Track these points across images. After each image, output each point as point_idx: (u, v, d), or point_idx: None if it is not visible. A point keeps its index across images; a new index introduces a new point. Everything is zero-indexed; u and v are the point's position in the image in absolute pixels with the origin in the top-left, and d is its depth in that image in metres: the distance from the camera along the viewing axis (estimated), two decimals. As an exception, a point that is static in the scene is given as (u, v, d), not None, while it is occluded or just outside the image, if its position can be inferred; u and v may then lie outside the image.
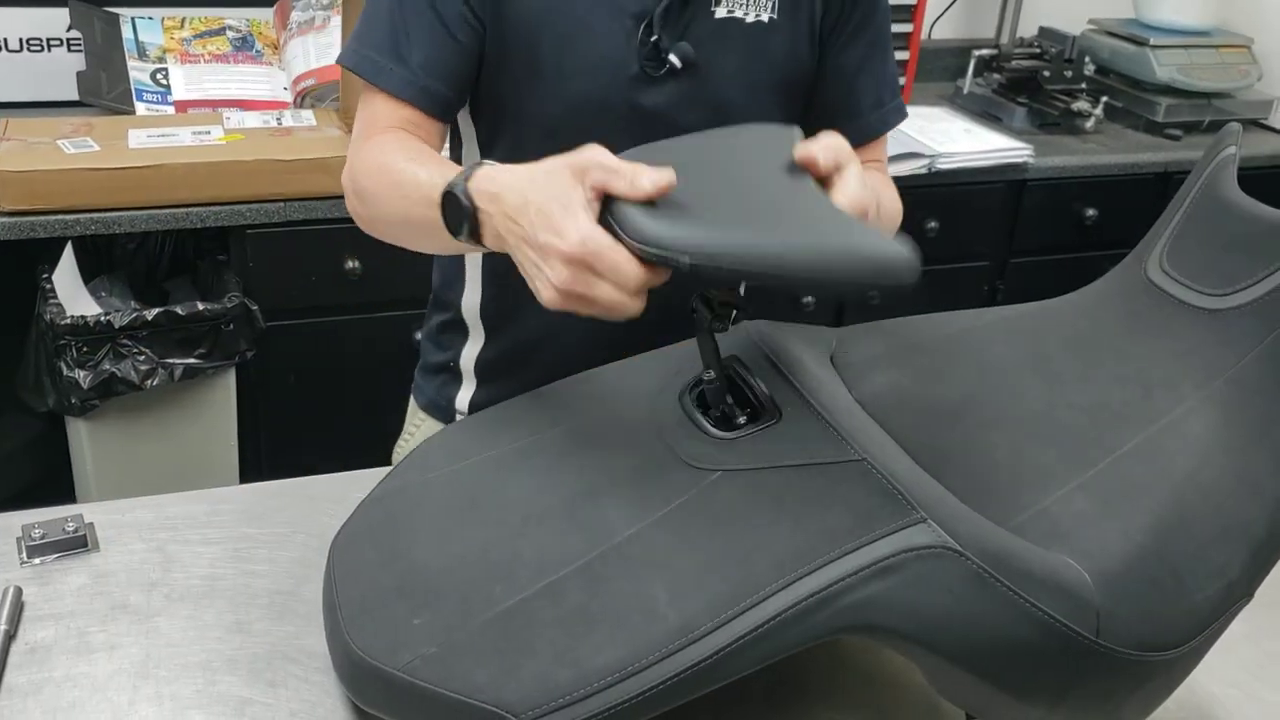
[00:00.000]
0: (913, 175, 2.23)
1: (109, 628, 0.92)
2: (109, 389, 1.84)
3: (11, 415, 2.06)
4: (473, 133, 1.14)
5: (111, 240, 2.06)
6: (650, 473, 0.83)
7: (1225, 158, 0.86)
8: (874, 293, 0.85)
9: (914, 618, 0.73)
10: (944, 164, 2.25)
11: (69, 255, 1.92)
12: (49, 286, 1.87)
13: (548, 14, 1.04)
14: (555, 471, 0.87)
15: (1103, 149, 2.47)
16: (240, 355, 1.94)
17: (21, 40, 2.18)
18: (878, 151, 1.20)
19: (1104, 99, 2.57)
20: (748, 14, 1.06)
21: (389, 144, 1.04)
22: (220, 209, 1.91)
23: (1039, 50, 2.64)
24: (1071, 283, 0.96)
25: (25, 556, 0.99)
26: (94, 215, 1.85)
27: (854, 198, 0.83)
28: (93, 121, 2.02)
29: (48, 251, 1.91)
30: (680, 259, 0.75)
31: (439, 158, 1.03)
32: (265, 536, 1.03)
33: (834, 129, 1.03)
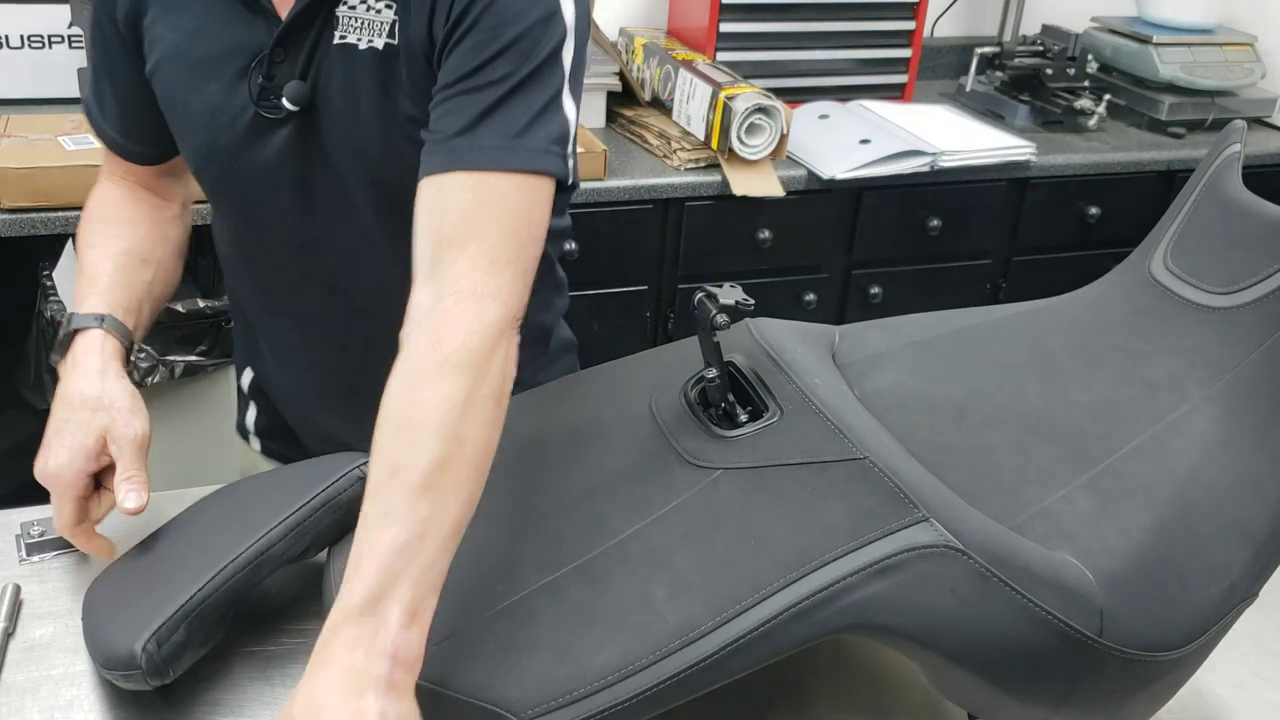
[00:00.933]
0: (915, 173, 2.23)
1: (108, 625, 0.91)
2: (109, 386, 1.84)
3: (12, 412, 2.06)
4: None
5: (112, 237, 2.06)
6: (651, 470, 0.83)
7: (1230, 155, 0.86)
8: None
9: (916, 617, 0.73)
10: (946, 162, 2.24)
11: (70, 252, 1.92)
12: (50, 283, 1.87)
13: (175, 58, 0.99)
14: (556, 469, 0.87)
15: (1105, 147, 2.46)
16: (241, 352, 1.94)
17: (23, 37, 2.18)
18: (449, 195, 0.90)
19: (1107, 97, 2.56)
20: (360, 40, 0.94)
21: (97, 207, 1.10)
22: (221, 206, 1.91)
23: (1041, 48, 2.64)
24: (1074, 281, 0.95)
25: (24, 554, 0.99)
26: (95, 212, 1.85)
27: None
28: (94, 118, 2.02)
29: (49, 248, 1.91)
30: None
31: (107, 262, 1.05)
32: (265, 534, 1.03)
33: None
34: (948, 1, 2.81)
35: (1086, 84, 2.57)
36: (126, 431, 0.94)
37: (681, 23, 2.49)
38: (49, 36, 2.19)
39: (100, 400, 0.94)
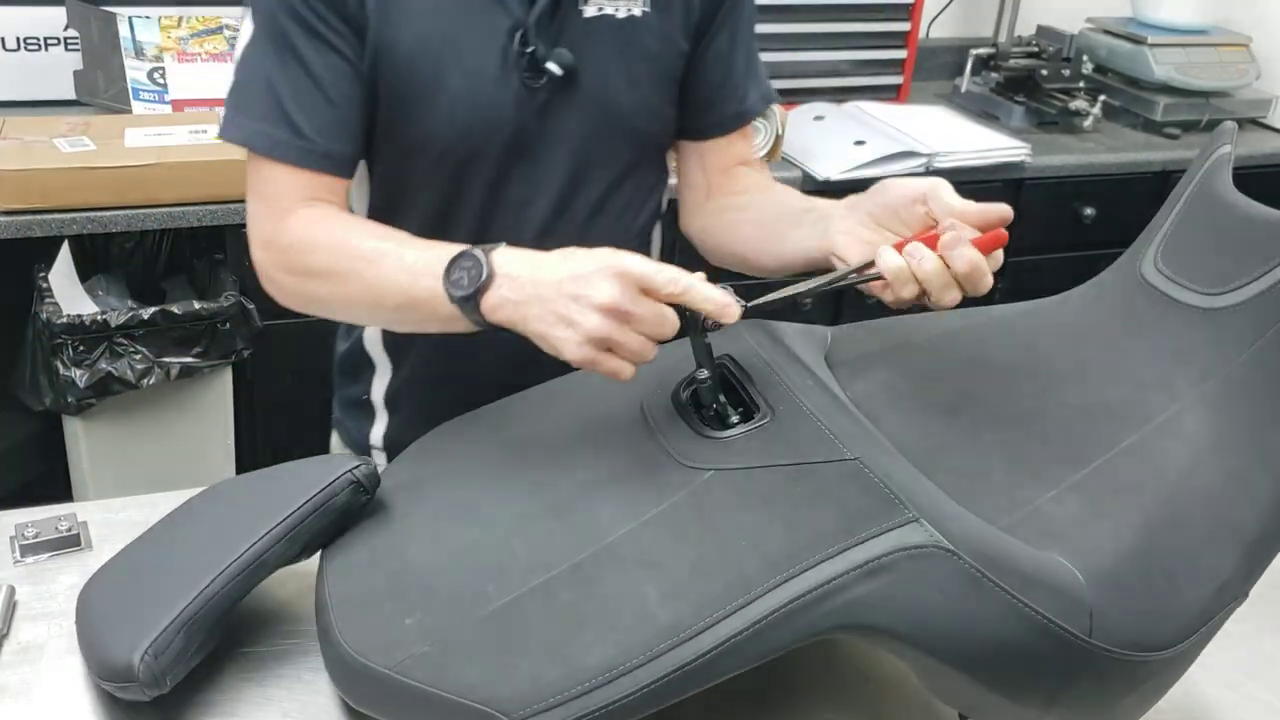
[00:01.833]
0: (910, 175, 2.23)
1: (101, 627, 0.91)
2: (105, 388, 1.84)
3: (8, 414, 2.06)
4: (363, 167, 1.10)
5: (108, 239, 2.06)
6: (642, 472, 0.83)
7: (1220, 157, 0.86)
8: None
9: (906, 617, 0.73)
10: (942, 162, 2.25)
11: (65, 254, 1.92)
12: (45, 285, 1.87)
13: (423, 41, 1.01)
14: (547, 470, 0.87)
15: (1100, 148, 2.46)
16: (237, 354, 1.94)
17: (18, 39, 2.18)
18: (748, 139, 1.21)
19: (1102, 98, 2.57)
20: (618, 10, 1.05)
21: (330, 219, 1.00)
22: (217, 208, 1.91)
23: (1037, 49, 2.64)
24: (1069, 281, 0.96)
25: (18, 555, 0.99)
26: (91, 214, 1.85)
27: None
28: (89, 120, 2.02)
29: (44, 250, 1.91)
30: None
31: (403, 233, 0.98)
32: (259, 536, 1.03)
33: (707, 116, 1.16)
34: (943, 3, 2.82)
35: (1081, 85, 2.57)
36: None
37: (677, 24, 2.49)
38: (45, 39, 2.20)
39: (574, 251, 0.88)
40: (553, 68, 1.03)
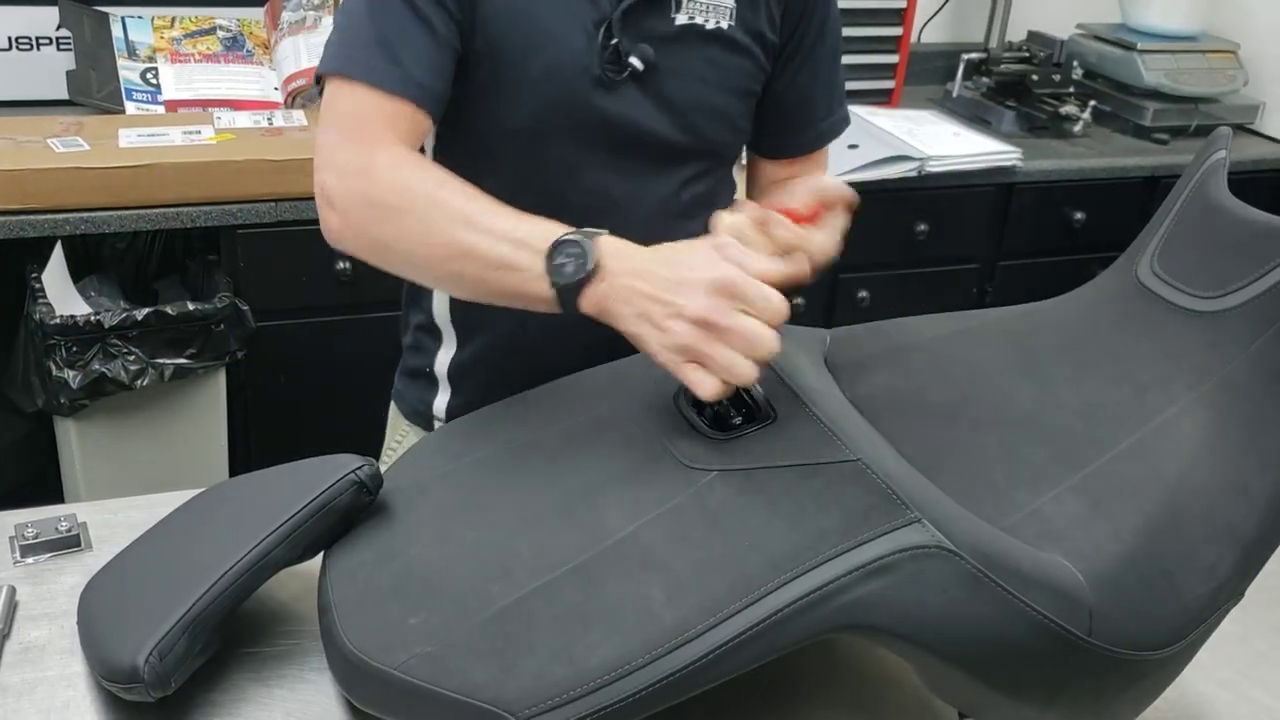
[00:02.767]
0: (902, 178, 2.24)
1: (103, 627, 0.91)
2: (98, 389, 1.83)
3: (0, 415, 2.06)
4: (431, 141, 1.12)
5: (101, 240, 2.05)
6: (646, 473, 0.84)
7: (1216, 162, 0.87)
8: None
9: (908, 617, 0.73)
10: (933, 167, 2.26)
11: (58, 255, 1.92)
12: (38, 286, 1.86)
13: (512, 20, 1.04)
14: (551, 471, 0.87)
15: (1091, 153, 2.48)
16: (230, 355, 1.93)
17: (10, 39, 2.17)
18: (822, 159, 1.26)
19: (1092, 103, 2.58)
20: (707, 21, 1.09)
21: (423, 163, 1.00)
22: (211, 209, 1.91)
23: (1028, 54, 2.65)
24: (1060, 285, 0.96)
25: (18, 556, 0.99)
26: (84, 215, 1.85)
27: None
28: (83, 121, 2.01)
29: (37, 251, 1.90)
30: None
31: (499, 203, 0.96)
32: (259, 536, 1.03)
33: (785, 136, 1.21)
34: (935, 7, 2.83)
35: (1072, 90, 2.59)
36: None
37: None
38: (37, 38, 2.19)
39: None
40: (635, 62, 1.06)
